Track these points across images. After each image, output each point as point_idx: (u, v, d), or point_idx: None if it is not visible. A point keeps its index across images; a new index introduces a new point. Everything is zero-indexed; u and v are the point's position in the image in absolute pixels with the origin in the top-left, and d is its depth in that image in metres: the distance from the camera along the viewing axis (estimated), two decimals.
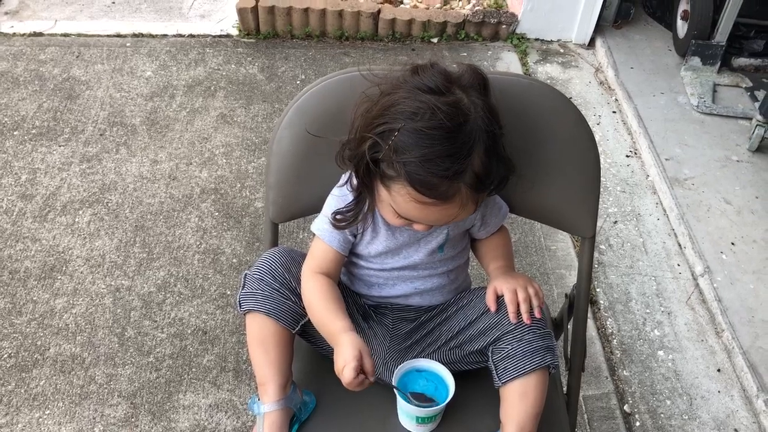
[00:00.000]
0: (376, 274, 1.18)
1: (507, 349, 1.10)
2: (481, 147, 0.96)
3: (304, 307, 1.13)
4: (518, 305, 1.11)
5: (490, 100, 1.00)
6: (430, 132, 0.93)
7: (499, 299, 1.13)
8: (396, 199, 0.99)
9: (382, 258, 1.16)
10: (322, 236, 1.13)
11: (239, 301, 1.13)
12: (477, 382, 1.16)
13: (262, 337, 1.13)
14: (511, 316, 1.11)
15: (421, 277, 1.18)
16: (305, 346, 1.24)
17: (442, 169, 0.93)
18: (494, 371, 1.11)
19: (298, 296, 1.13)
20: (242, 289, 1.14)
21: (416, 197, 0.96)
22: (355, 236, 1.14)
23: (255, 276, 1.13)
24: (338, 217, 1.10)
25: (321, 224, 1.13)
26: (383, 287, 1.19)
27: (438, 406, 1.10)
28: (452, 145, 0.93)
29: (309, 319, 1.14)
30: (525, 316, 1.10)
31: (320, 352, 1.23)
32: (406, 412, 1.12)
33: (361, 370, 1.01)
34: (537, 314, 1.11)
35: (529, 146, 1.15)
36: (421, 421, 1.12)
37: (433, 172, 0.93)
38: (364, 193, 1.07)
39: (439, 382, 1.13)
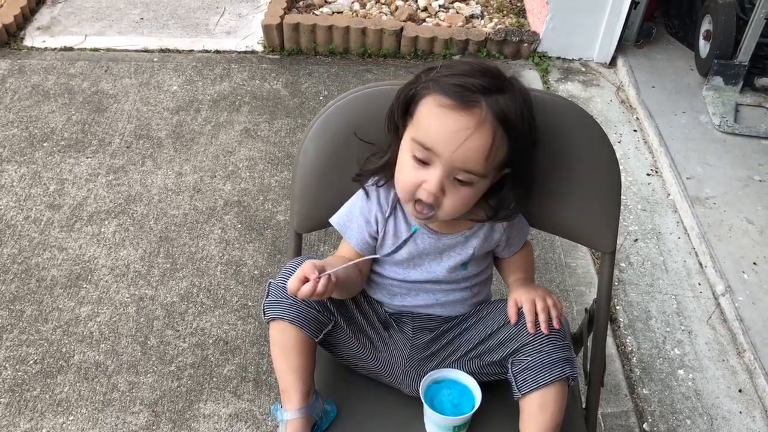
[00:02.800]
0: (399, 285, 1.20)
1: (526, 361, 1.11)
2: (511, 103, 1.00)
3: (327, 316, 1.15)
4: (536, 315, 1.12)
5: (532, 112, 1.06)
6: (467, 65, 1.01)
7: (519, 311, 1.14)
8: (420, 122, 1.02)
9: (405, 268, 1.18)
10: (341, 230, 1.17)
11: (264, 309, 1.15)
12: (496, 394, 1.16)
13: (285, 345, 1.14)
14: (529, 325, 1.12)
15: (443, 290, 1.20)
16: (326, 356, 1.25)
17: (469, 83, 0.98)
18: (514, 383, 1.12)
19: (323, 305, 1.15)
20: (267, 298, 1.16)
21: (440, 101, 0.99)
22: (375, 239, 1.16)
23: (279, 285, 1.15)
24: (367, 163, 1.14)
25: (340, 219, 1.18)
26: (405, 297, 1.20)
27: (470, 413, 1.11)
28: (483, 76, 1.00)
29: (331, 329, 1.16)
30: (543, 326, 1.11)
31: (341, 362, 1.24)
32: (437, 423, 1.13)
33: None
34: (555, 325, 1.12)
35: (550, 160, 1.16)
36: (458, 429, 1.13)
37: (461, 83, 0.98)
38: (393, 146, 1.10)
39: (463, 390, 1.14)
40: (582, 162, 1.18)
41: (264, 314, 1.15)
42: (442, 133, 0.99)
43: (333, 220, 1.18)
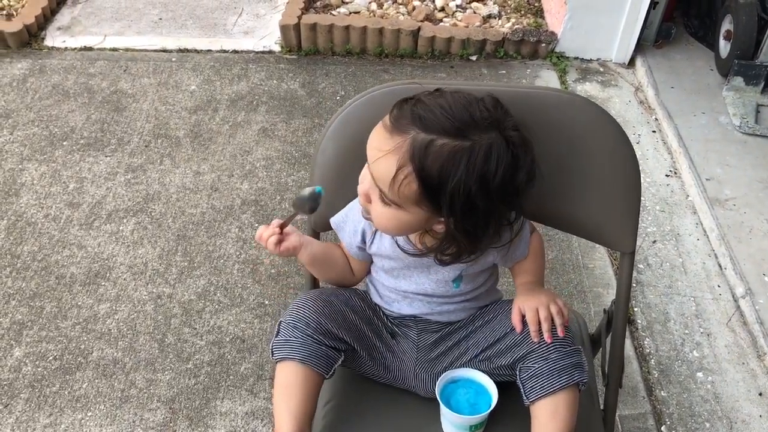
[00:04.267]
0: (393, 292, 1.20)
1: (534, 368, 1.09)
2: (446, 156, 0.91)
3: (337, 350, 1.15)
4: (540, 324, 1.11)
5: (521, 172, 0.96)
6: (460, 105, 0.95)
7: (524, 318, 1.13)
8: None
9: (394, 278, 1.18)
10: (336, 230, 1.20)
11: (272, 350, 1.13)
12: (509, 398, 1.15)
13: (289, 385, 1.11)
14: (533, 335, 1.10)
15: (438, 302, 1.19)
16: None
17: (419, 113, 0.94)
18: (522, 390, 1.11)
19: (334, 338, 1.14)
20: (276, 337, 1.14)
21: (386, 117, 0.98)
22: (363, 249, 1.17)
23: (289, 324, 1.13)
24: None
25: (337, 220, 1.20)
26: (401, 304, 1.20)
27: (486, 412, 1.11)
28: (455, 118, 0.93)
29: (344, 359, 1.16)
30: (546, 335, 1.10)
31: (359, 374, 1.24)
32: (454, 422, 1.13)
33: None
34: (560, 333, 1.10)
35: (569, 160, 1.16)
36: (475, 428, 1.13)
37: (415, 110, 0.94)
38: None
39: (480, 390, 1.14)
40: (601, 161, 1.17)
41: (272, 354, 1.13)
42: (370, 144, 0.99)
43: (332, 219, 1.19)
